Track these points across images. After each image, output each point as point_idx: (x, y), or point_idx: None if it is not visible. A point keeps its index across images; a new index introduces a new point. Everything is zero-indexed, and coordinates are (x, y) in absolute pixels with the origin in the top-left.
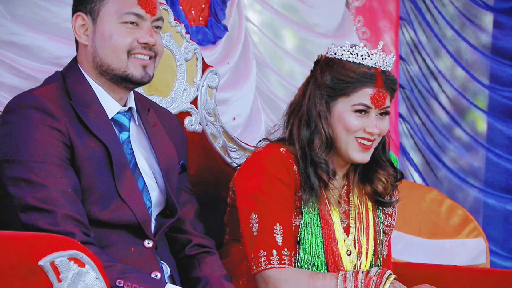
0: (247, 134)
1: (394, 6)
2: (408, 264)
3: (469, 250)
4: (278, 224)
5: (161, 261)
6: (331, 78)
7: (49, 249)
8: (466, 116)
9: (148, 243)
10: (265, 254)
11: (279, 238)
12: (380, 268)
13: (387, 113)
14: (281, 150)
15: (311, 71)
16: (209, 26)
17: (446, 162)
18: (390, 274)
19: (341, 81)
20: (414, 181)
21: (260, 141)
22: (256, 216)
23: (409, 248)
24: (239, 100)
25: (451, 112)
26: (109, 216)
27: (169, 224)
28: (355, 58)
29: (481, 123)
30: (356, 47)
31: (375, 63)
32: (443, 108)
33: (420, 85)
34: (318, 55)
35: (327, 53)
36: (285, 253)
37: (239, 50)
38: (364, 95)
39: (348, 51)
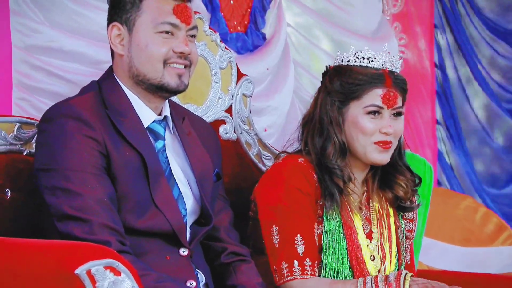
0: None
1: (430, 12)
2: (442, 272)
3: (504, 258)
4: (299, 235)
5: (196, 269)
6: (340, 83)
7: (85, 257)
8: (501, 123)
9: (184, 251)
10: (287, 265)
11: (300, 249)
12: (396, 270)
13: (400, 113)
14: (299, 160)
15: (321, 82)
16: (248, 33)
17: (481, 169)
18: (406, 273)
19: (350, 84)
20: (453, 188)
21: (278, 154)
22: (277, 228)
23: (443, 255)
24: (274, 110)
25: (486, 118)
26: (145, 225)
27: (204, 232)
28: (361, 61)
29: None
30: (362, 51)
31: (382, 64)
32: (478, 114)
33: (455, 91)
34: (326, 66)
35: (334, 63)
36: (307, 263)
37: (278, 57)
38: (375, 96)
39: (354, 55)
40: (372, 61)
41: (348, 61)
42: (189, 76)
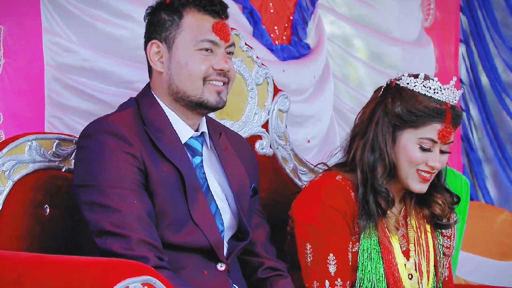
0: (323, 154)
1: (455, 27)
2: (479, 286)
3: None
4: (331, 254)
5: (233, 284)
6: (401, 108)
7: (123, 275)
8: None
9: (221, 266)
10: (318, 284)
11: (332, 269)
12: None
13: (448, 151)
14: (337, 178)
15: (379, 96)
16: (292, 44)
17: None
18: None
19: (412, 113)
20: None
21: (317, 164)
22: (310, 246)
23: (480, 269)
24: (314, 123)
25: None
26: (182, 240)
27: (241, 247)
28: (427, 91)
29: None
30: (430, 80)
31: (446, 97)
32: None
33: (482, 105)
34: (388, 80)
35: (397, 80)
36: (338, 283)
37: (320, 70)
38: (432, 130)
39: (422, 83)
40: (437, 92)
41: (415, 86)
42: (227, 93)
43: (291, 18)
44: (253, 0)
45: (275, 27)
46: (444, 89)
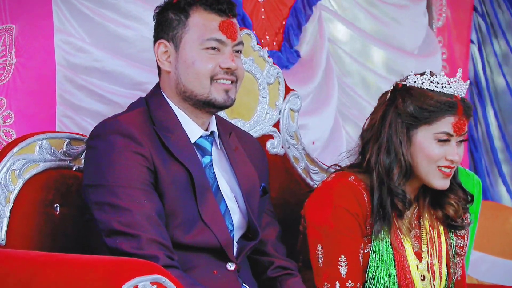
0: (327, 154)
1: (467, 27)
2: (492, 286)
3: None
4: (342, 256)
5: (243, 284)
6: (413, 107)
7: (132, 273)
8: None
9: (231, 266)
10: (328, 286)
11: (343, 270)
12: None
13: (465, 139)
14: (350, 179)
15: (389, 98)
16: (282, 51)
17: None
18: None
19: (424, 110)
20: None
21: (331, 165)
22: (322, 247)
23: (493, 269)
24: (318, 126)
25: None
26: (192, 240)
27: (251, 246)
28: (435, 86)
29: None
30: (436, 75)
31: (454, 91)
32: None
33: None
34: (393, 83)
35: (403, 81)
36: (349, 285)
37: (319, 76)
38: (447, 123)
39: (429, 79)
40: (445, 86)
41: (422, 83)
42: (235, 91)
43: (284, 23)
44: (245, 5)
45: (266, 33)
46: (452, 82)
